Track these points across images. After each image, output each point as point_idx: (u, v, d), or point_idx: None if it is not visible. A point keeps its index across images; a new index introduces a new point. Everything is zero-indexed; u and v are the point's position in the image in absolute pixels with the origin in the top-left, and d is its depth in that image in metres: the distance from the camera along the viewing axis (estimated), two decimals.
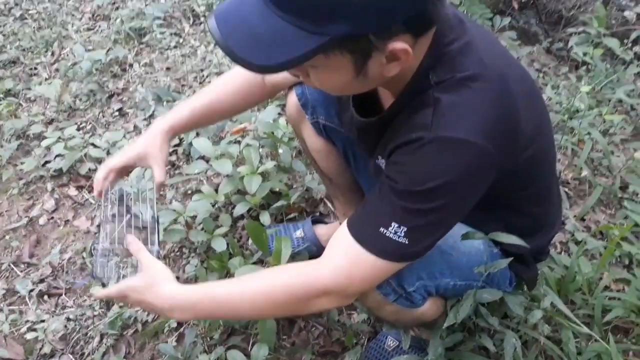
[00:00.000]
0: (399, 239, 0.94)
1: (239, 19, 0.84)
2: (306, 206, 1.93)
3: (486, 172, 0.95)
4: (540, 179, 1.12)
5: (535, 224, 1.20)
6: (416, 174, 0.92)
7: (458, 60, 0.93)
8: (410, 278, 1.12)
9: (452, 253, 1.14)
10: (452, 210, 0.96)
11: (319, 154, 1.58)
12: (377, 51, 0.85)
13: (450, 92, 0.92)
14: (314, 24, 0.80)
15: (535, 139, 1.02)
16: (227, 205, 1.92)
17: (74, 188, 2.09)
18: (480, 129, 0.90)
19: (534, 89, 1.07)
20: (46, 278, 1.78)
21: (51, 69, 2.76)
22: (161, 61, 2.71)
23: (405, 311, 1.18)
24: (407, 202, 0.93)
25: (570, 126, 1.99)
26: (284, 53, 0.81)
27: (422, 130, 0.91)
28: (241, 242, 1.83)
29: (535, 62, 2.49)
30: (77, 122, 2.36)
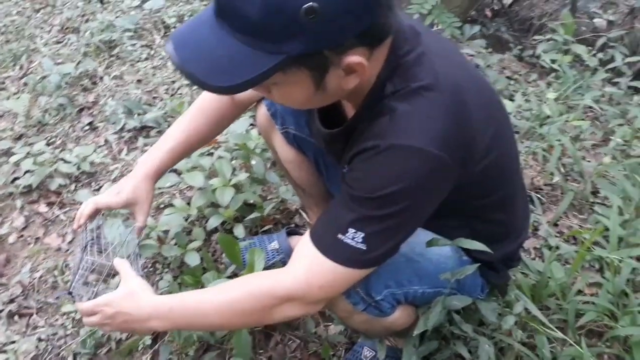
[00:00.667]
0: (356, 244, 0.96)
1: (196, 42, 0.86)
2: (281, 217, 1.92)
3: (440, 180, 0.96)
4: (503, 186, 1.13)
5: (501, 231, 1.21)
6: (371, 180, 0.95)
7: (413, 70, 0.95)
8: (377, 286, 1.12)
9: (420, 260, 1.15)
10: (408, 216, 0.97)
11: (290, 164, 1.58)
12: (333, 66, 0.88)
13: (405, 101, 0.94)
14: (269, 44, 0.82)
15: (494, 148, 1.03)
16: (200, 218, 1.90)
17: (45, 204, 2.05)
18: (434, 137, 0.92)
19: (493, 99, 1.09)
20: (16, 298, 1.74)
21: (19, 83, 2.71)
22: (132, 73, 2.68)
23: (375, 320, 1.18)
24: (364, 209, 0.95)
25: (540, 133, 2.02)
26: (242, 73, 0.83)
27: (378, 139, 0.94)
28: (216, 256, 1.81)
29: (506, 69, 2.52)
30: (47, 137, 2.32)
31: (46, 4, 3.32)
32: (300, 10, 0.78)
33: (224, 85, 0.85)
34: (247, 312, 1.07)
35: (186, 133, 1.39)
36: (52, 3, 3.32)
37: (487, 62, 2.37)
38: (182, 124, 1.41)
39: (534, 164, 2.02)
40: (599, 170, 1.94)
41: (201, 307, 1.08)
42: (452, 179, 0.98)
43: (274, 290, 1.04)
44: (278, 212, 1.92)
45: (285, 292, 1.03)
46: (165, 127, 2.29)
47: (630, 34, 2.48)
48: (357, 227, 0.96)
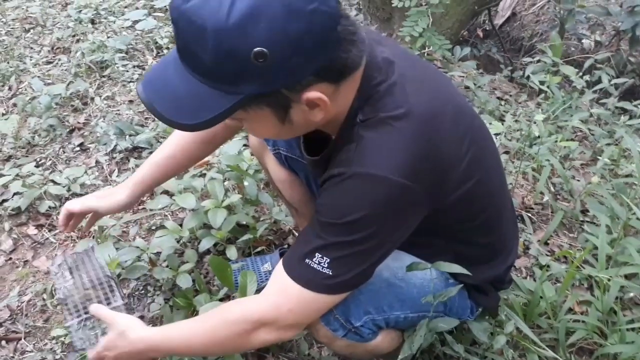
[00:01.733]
0: (322, 269, 0.98)
1: (162, 81, 0.91)
2: (274, 238, 1.92)
3: (407, 208, 0.98)
4: (486, 210, 1.14)
5: (487, 253, 1.22)
6: (336, 207, 0.98)
7: (384, 100, 0.97)
8: (357, 313, 1.13)
9: (402, 285, 1.15)
10: (376, 243, 0.99)
11: (282, 184, 1.59)
12: (294, 102, 0.91)
13: (373, 129, 0.96)
14: (226, 85, 0.86)
15: (473, 175, 1.04)
16: (192, 240, 1.89)
17: (34, 227, 2.03)
18: (399, 166, 0.94)
19: (473, 124, 1.10)
20: (4, 322, 1.72)
21: (8, 103, 2.70)
22: (123, 94, 2.68)
23: (357, 345, 1.19)
24: (329, 234, 0.98)
25: (530, 153, 2.04)
26: (204, 112, 0.88)
27: (343, 166, 0.97)
28: (208, 278, 1.80)
29: (497, 90, 2.55)
30: (36, 159, 2.31)
31: (36, 24, 3.33)
32: (250, 55, 0.81)
33: (187, 123, 0.89)
34: (225, 339, 1.10)
35: (173, 149, 1.44)
36: (42, 23, 3.32)
37: (478, 83, 2.40)
38: (171, 140, 1.45)
39: (525, 183, 2.04)
40: (588, 189, 1.96)
41: (185, 338, 1.13)
42: (421, 206, 0.99)
43: (246, 316, 1.07)
44: (271, 233, 1.92)
45: (257, 317, 1.06)
46: (157, 148, 2.29)
47: (616, 55, 2.53)
48: (323, 253, 0.98)
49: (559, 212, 1.87)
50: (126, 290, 1.76)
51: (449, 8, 2.51)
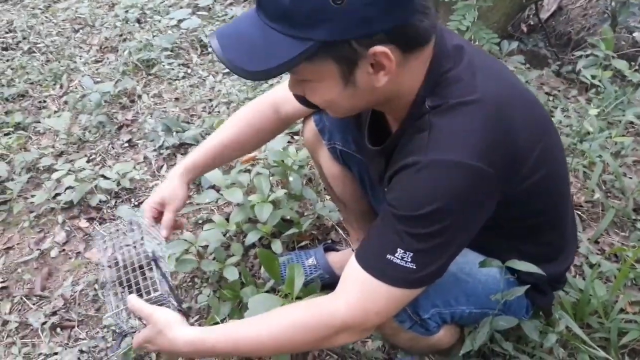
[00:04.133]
0: (406, 264, 0.95)
1: (236, 32, 0.93)
2: (318, 234, 1.93)
3: (485, 193, 0.95)
4: (553, 207, 1.12)
5: (550, 252, 1.20)
6: (414, 198, 0.94)
7: (453, 86, 0.96)
8: (425, 305, 1.12)
9: (469, 280, 1.14)
10: (456, 232, 0.96)
11: (335, 179, 1.59)
12: (361, 59, 0.90)
13: (445, 116, 0.94)
14: (297, 30, 0.86)
15: (542, 166, 1.02)
16: (238, 234, 1.92)
17: (85, 220, 2.09)
18: (476, 150, 0.91)
19: (541, 116, 1.08)
20: (58, 310, 1.78)
21: (60, 101, 2.78)
22: (169, 92, 2.74)
23: (420, 338, 1.18)
24: (409, 227, 0.95)
25: (581, 149, 2.00)
26: (272, 59, 0.88)
27: (418, 155, 0.94)
28: (253, 271, 1.82)
29: (544, 85, 2.50)
30: (87, 154, 2.37)
31: (85, 24, 3.42)
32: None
33: (255, 70, 0.89)
34: (300, 343, 1.07)
35: (223, 137, 1.43)
36: (90, 23, 3.42)
37: (526, 77, 2.36)
38: (222, 128, 1.45)
39: (574, 180, 1.99)
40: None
41: (250, 341, 1.08)
42: (496, 192, 0.96)
43: (330, 322, 1.03)
44: (314, 228, 1.93)
45: (341, 323, 1.02)
46: None
47: None
48: (405, 247, 0.95)
49: (611, 210, 1.83)
50: (175, 282, 1.79)
51: (496, 1, 2.48)
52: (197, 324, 1.68)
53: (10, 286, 1.88)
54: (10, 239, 2.05)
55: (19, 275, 1.90)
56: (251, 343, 1.08)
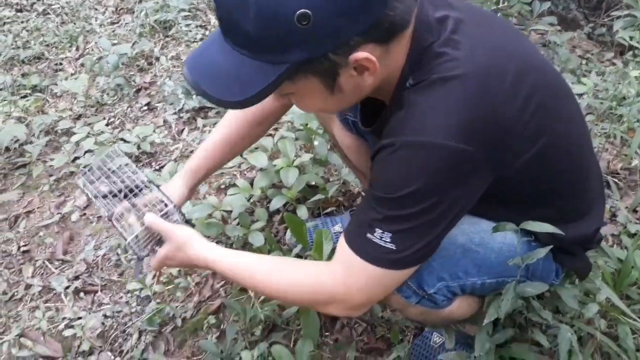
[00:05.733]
0: (385, 244, 0.93)
1: (207, 61, 0.89)
2: (343, 200, 1.88)
3: (467, 174, 0.91)
4: (565, 169, 1.05)
5: (570, 214, 1.13)
6: (390, 180, 0.92)
7: (435, 61, 0.91)
8: (430, 280, 1.07)
9: (479, 250, 1.08)
10: (437, 214, 0.93)
11: (349, 149, 1.54)
12: (343, 67, 0.86)
13: (422, 93, 0.90)
14: (271, 55, 0.83)
15: (542, 135, 0.96)
16: (262, 199, 1.88)
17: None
18: (453, 129, 0.87)
19: (543, 83, 1.00)
20: (81, 275, 1.76)
21: (76, 64, 2.74)
22: (187, 54, 2.67)
23: (431, 312, 1.14)
24: (387, 209, 0.93)
25: (619, 114, 1.92)
26: (251, 87, 0.85)
27: (393, 136, 0.91)
28: (278, 237, 1.78)
29: (577, 48, 2.41)
30: (106, 117, 2.33)
31: None
32: (294, 19, 0.78)
33: (234, 100, 0.87)
34: (295, 300, 1.15)
35: (223, 136, 1.39)
36: None
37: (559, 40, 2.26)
38: (221, 126, 1.40)
39: (610, 147, 1.93)
40: None
41: (249, 274, 1.11)
42: (483, 172, 0.92)
43: (318, 288, 1.05)
44: (340, 194, 1.88)
45: (328, 292, 1.03)
46: (223, 108, 2.27)
47: None
48: (384, 227, 0.93)
49: None
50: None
51: None
52: (222, 290, 1.66)
53: (32, 250, 1.86)
54: (30, 203, 2.03)
55: (40, 239, 1.88)
56: (255, 285, 1.12)
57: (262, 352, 1.41)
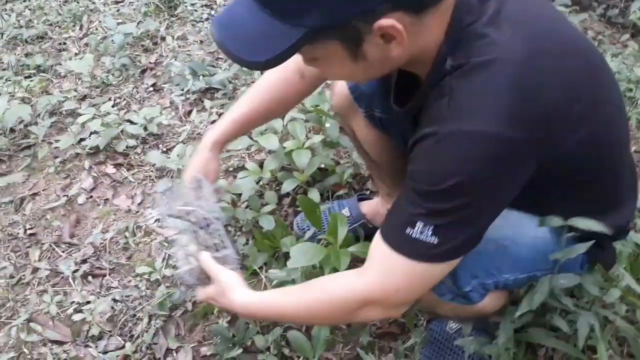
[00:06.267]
0: (426, 238, 0.90)
1: (233, 21, 0.88)
2: (354, 182, 1.85)
3: (513, 163, 0.88)
4: (605, 157, 1.02)
5: (604, 205, 1.10)
6: (433, 172, 0.88)
7: (476, 43, 0.87)
8: (465, 277, 1.05)
9: (513, 246, 1.06)
10: (482, 205, 0.90)
11: (370, 145, 1.51)
12: (367, 35, 0.83)
13: (465, 79, 0.86)
14: (291, 17, 0.81)
15: (588, 119, 0.92)
16: (271, 182, 1.85)
17: (112, 166, 2.04)
18: (500, 117, 0.84)
19: (587, 65, 0.96)
20: (89, 258, 1.74)
21: (80, 43, 2.70)
22: (193, 34, 2.63)
23: (464, 307, 1.12)
24: (429, 202, 0.89)
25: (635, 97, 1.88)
26: (271, 49, 0.84)
27: (437, 124, 0.87)
28: (288, 221, 1.76)
29: (589, 30, 2.36)
30: (111, 98, 2.29)
31: None
32: None
33: (255, 61, 0.86)
34: (328, 315, 1.09)
35: (250, 105, 1.40)
36: None
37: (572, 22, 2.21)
38: (248, 95, 1.41)
39: None
40: None
41: (284, 311, 1.12)
42: (528, 159, 0.88)
43: (350, 295, 1.02)
44: (350, 177, 1.85)
45: (362, 297, 1.00)
46: (231, 89, 2.24)
47: None
48: (425, 221, 0.89)
49: None
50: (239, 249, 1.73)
51: None
52: None
53: (38, 233, 1.84)
54: (35, 185, 2.00)
55: (47, 222, 1.86)
56: (291, 314, 1.12)
57: (276, 337, 1.39)
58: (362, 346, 1.42)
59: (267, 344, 1.40)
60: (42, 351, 1.50)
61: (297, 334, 1.33)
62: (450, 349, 1.35)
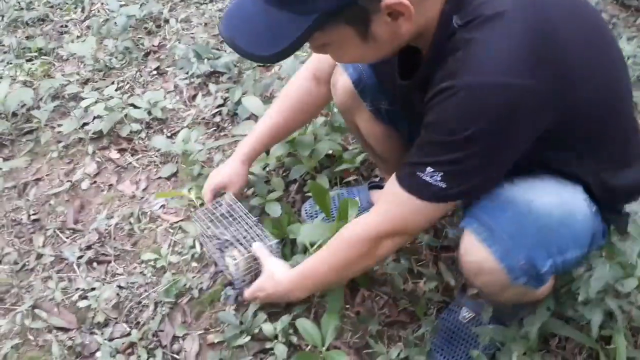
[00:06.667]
0: (435, 182, 0.95)
1: (241, 16, 0.90)
2: (362, 169, 1.82)
3: (530, 112, 0.89)
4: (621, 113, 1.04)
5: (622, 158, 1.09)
6: (449, 124, 0.90)
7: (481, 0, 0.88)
8: (542, 258, 1.01)
9: (572, 224, 1.03)
10: (492, 155, 0.93)
11: (376, 139, 1.48)
12: (375, 14, 0.85)
13: (480, 30, 0.87)
14: (299, 5, 0.83)
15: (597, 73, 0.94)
16: (277, 168, 1.83)
17: (116, 151, 2.01)
18: (516, 65, 0.85)
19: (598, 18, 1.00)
20: (93, 245, 1.71)
21: (82, 26, 2.65)
22: (197, 16, 2.59)
23: (528, 292, 1.10)
24: (442, 151, 0.93)
25: None
26: (279, 41, 0.85)
27: (452, 78, 0.88)
28: (295, 209, 1.73)
29: (603, 13, 2.31)
30: (114, 82, 2.26)
31: None
32: None
33: (266, 54, 0.88)
34: (353, 260, 1.17)
35: (276, 119, 1.53)
36: None
37: None
38: (272, 110, 1.54)
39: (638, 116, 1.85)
40: None
41: (319, 270, 1.24)
42: (545, 107, 0.89)
43: (364, 236, 1.13)
44: (359, 163, 1.82)
45: (375, 233, 1.11)
46: (236, 72, 2.20)
47: None
48: (435, 167, 0.94)
49: None
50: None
51: None
52: None
53: (42, 219, 1.81)
54: (39, 170, 1.97)
55: (51, 208, 1.83)
56: (327, 278, 1.25)
57: (284, 325, 1.37)
58: (371, 335, 1.40)
59: (275, 332, 1.38)
60: (47, 338, 1.48)
61: (306, 322, 1.31)
62: (463, 338, 1.33)
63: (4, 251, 1.70)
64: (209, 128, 2.04)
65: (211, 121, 2.06)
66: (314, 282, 1.26)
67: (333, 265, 1.20)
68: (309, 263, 1.26)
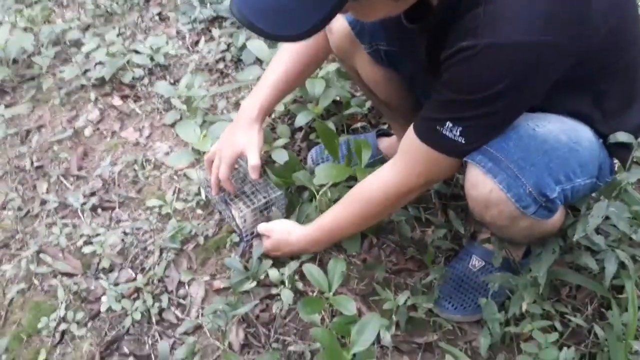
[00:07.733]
0: (454, 137, 0.97)
1: None
2: (370, 117, 1.78)
3: (551, 66, 0.90)
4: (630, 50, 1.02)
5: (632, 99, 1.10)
6: (471, 83, 0.91)
7: None
8: (550, 184, 0.99)
9: (579, 149, 1.02)
10: (511, 111, 0.96)
11: (377, 84, 1.43)
12: None
13: None
14: None
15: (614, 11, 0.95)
16: (283, 115, 1.79)
17: (118, 98, 1.97)
18: (538, 22, 0.84)
19: None
20: (97, 191, 1.70)
21: None
22: None
23: (538, 224, 1.08)
24: (463, 108, 0.94)
25: None
26: (311, 15, 0.79)
27: (473, 37, 0.87)
28: (300, 156, 1.70)
29: None
30: (115, 27, 2.20)
31: None
32: None
33: (293, 34, 0.81)
34: (374, 215, 1.24)
35: (285, 67, 1.41)
36: None
37: None
38: (279, 58, 1.43)
39: None
40: None
41: (338, 225, 1.28)
42: (566, 57, 0.90)
43: (389, 192, 1.16)
44: (366, 110, 1.78)
45: (395, 191, 1.15)
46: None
47: None
48: (455, 122, 0.96)
49: None
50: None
51: None
52: None
53: (45, 165, 1.79)
54: (41, 117, 1.94)
55: (54, 154, 1.81)
56: (348, 229, 1.31)
57: (291, 271, 1.36)
58: (377, 282, 1.39)
59: (282, 278, 1.36)
60: (52, 283, 1.48)
61: (313, 267, 1.29)
62: (472, 286, 1.32)
63: (7, 197, 1.69)
64: (213, 74, 1.99)
65: (215, 67, 2.01)
66: (330, 239, 1.34)
67: (350, 222, 1.26)
68: (326, 221, 1.29)
